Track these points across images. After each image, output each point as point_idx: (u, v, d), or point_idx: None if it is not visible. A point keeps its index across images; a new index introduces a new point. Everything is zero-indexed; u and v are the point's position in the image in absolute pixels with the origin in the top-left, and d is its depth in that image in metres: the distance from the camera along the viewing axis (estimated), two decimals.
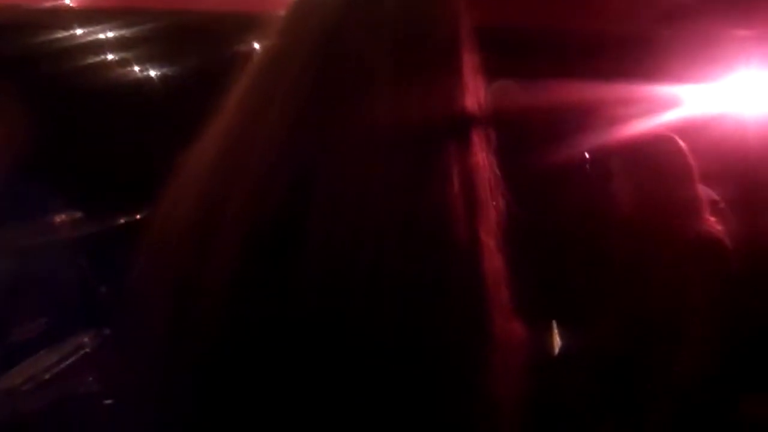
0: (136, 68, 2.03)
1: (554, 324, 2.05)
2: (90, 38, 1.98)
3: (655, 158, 2.02)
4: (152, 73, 2.04)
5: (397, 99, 0.86)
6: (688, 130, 2.05)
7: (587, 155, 2.02)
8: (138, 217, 1.76)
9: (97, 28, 1.98)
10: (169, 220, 0.92)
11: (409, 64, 0.88)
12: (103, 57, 2.03)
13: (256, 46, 1.10)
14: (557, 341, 2.03)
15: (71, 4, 1.96)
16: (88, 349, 1.70)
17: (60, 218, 1.85)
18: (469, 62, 0.92)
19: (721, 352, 1.81)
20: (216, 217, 0.85)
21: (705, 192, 2.06)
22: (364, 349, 0.80)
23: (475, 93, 0.92)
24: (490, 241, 0.89)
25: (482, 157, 0.91)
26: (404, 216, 0.82)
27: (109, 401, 1.48)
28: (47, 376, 1.62)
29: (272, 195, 0.83)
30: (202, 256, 0.85)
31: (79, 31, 1.96)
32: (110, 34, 2.01)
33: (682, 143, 2.02)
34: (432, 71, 0.89)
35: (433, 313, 0.81)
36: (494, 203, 0.91)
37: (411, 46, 0.89)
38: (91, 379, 1.63)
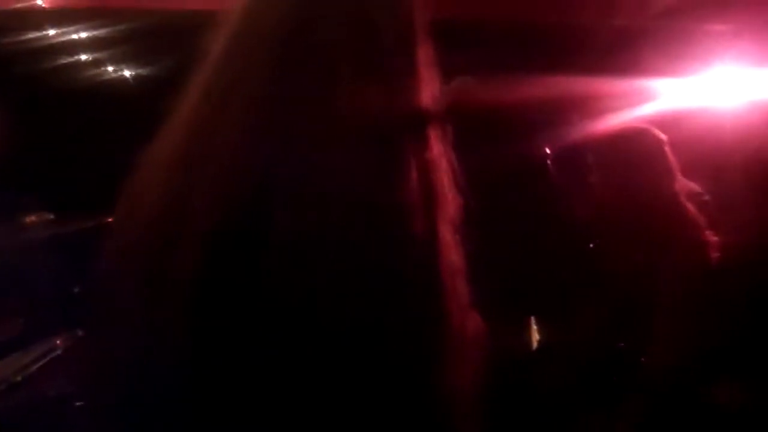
0: (110, 68, 2.03)
1: (532, 319, 2.05)
2: (62, 39, 1.97)
3: (633, 151, 2.00)
4: (126, 73, 2.03)
5: (356, 94, 0.86)
6: (665, 124, 2.05)
7: (548, 151, 2.01)
8: (109, 217, 1.75)
9: (70, 29, 1.97)
10: (133, 215, 0.92)
11: (366, 58, 0.88)
12: (75, 58, 2.02)
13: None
14: (535, 336, 2.04)
15: (43, 5, 1.95)
16: (59, 351, 1.69)
17: (31, 219, 1.84)
18: (425, 57, 0.92)
19: (699, 345, 1.81)
20: (179, 212, 0.85)
21: (687, 184, 2.04)
22: (324, 340, 0.80)
23: (431, 87, 0.92)
24: (447, 234, 0.89)
25: (440, 151, 0.91)
26: (363, 209, 0.83)
27: (81, 402, 1.47)
28: (19, 378, 1.62)
29: (235, 190, 0.83)
30: (168, 250, 0.85)
31: (51, 32, 1.95)
32: (82, 35, 2.00)
33: (661, 135, 2.00)
34: (389, 66, 0.90)
35: (391, 305, 0.82)
36: (452, 197, 0.91)
37: (368, 40, 0.89)
38: (63, 380, 1.62)
